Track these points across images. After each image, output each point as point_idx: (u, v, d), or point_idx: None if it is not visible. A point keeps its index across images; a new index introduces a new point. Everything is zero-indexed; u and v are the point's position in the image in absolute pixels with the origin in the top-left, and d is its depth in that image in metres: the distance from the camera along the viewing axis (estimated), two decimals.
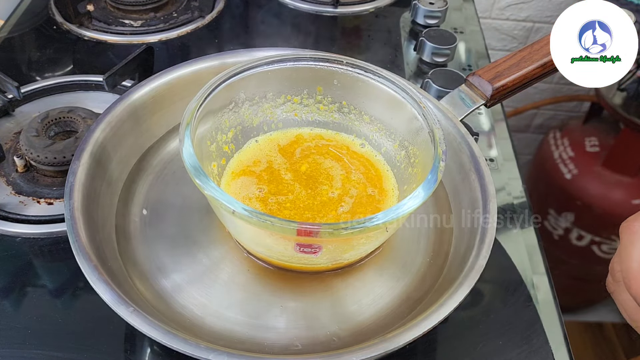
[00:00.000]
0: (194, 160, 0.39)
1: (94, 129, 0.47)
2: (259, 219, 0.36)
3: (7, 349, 0.43)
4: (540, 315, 0.48)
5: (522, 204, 0.57)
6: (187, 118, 0.41)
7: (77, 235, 0.40)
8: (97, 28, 0.76)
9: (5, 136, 0.60)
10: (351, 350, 0.35)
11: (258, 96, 0.49)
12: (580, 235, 1.17)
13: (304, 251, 0.40)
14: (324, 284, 0.45)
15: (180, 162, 0.51)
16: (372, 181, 0.48)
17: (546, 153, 1.21)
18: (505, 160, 0.62)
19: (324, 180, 0.47)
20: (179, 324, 0.41)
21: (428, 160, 0.42)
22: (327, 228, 0.36)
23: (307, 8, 0.83)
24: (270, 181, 0.47)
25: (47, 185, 0.55)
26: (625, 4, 0.97)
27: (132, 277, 0.43)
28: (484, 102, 0.50)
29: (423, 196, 0.38)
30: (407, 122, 0.46)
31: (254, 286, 0.44)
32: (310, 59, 0.47)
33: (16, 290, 0.47)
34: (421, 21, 0.80)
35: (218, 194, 0.37)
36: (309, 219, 0.44)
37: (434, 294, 0.43)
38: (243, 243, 0.45)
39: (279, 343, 0.41)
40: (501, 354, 0.45)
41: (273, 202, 0.45)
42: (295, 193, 0.46)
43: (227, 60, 0.53)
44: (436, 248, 0.47)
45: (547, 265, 0.52)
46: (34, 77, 0.68)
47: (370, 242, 0.42)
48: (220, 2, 0.82)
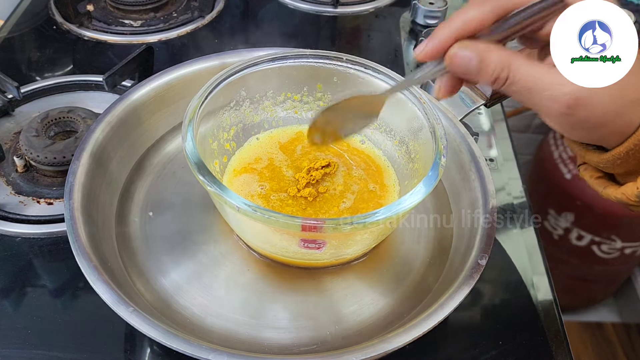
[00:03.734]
0: (197, 157, 0.39)
1: (94, 129, 0.47)
2: (264, 215, 0.36)
3: (7, 349, 0.43)
4: (540, 315, 0.48)
5: (522, 204, 0.57)
6: (190, 115, 0.41)
7: (77, 235, 0.40)
8: (97, 28, 0.76)
9: (5, 136, 0.60)
10: (351, 350, 0.35)
11: (259, 94, 0.49)
12: (580, 235, 1.17)
13: (309, 247, 0.40)
14: (324, 283, 0.45)
15: (180, 162, 0.51)
16: (373, 177, 0.48)
17: (546, 153, 1.21)
18: (505, 160, 0.62)
19: (326, 178, 0.47)
20: (179, 324, 0.41)
21: (429, 156, 0.42)
22: (331, 223, 0.36)
23: (307, 8, 0.83)
24: (272, 178, 0.47)
25: (47, 185, 0.55)
26: (625, 4, 0.97)
27: (132, 277, 0.43)
28: (484, 102, 0.50)
29: (424, 192, 0.38)
30: (408, 119, 0.46)
31: (254, 286, 0.44)
32: (311, 56, 0.47)
33: (16, 290, 0.47)
34: (421, 21, 0.80)
35: (222, 190, 0.37)
36: (311, 215, 0.44)
37: (434, 294, 0.43)
38: (246, 240, 0.45)
39: (279, 343, 0.41)
40: (501, 354, 0.45)
41: (275, 199, 0.45)
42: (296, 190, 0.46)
43: (227, 60, 0.53)
44: (436, 248, 0.47)
45: (547, 265, 0.52)
46: (33, 77, 0.68)
47: (373, 237, 0.43)
48: (220, 2, 0.82)
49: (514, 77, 0.31)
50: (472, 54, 0.31)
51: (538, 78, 0.30)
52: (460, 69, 0.32)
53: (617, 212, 1.11)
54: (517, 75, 0.31)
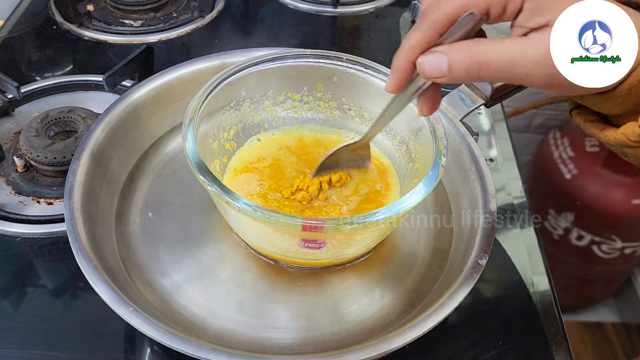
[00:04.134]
0: (197, 157, 0.39)
1: (94, 129, 0.47)
2: (264, 214, 0.36)
3: (7, 349, 0.43)
4: (540, 315, 0.48)
5: (522, 204, 0.57)
6: (190, 115, 0.41)
7: (77, 235, 0.40)
8: (97, 28, 0.76)
9: (5, 136, 0.60)
10: (351, 350, 0.35)
11: (259, 94, 0.49)
12: (580, 235, 1.17)
13: (309, 246, 0.40)
14: (324, 284, 0.45)
15: (180, 162, 0.51)
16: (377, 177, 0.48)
17: (546, 153, 1.21)
18: (505, 160, 0.62)
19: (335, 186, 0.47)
20: (179, 324, 0.41)
21: (429, 156, 0.42)
22: (331, 223, 0.36)
23: (307, 8, 0.83)
24: (272, 177, 0.47)
25: (47, 185, 0.55)
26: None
27: (132, 277, 0.43)
28: (484, 102, 0.50)
29: (424, 191, 0.38)
30: (408, 119, 0.46)
31: (254, 286, 0.44)
32: (311, 56, 0.47)
33: (16, 290, 0.47)
34: None
35: (222, 190, 0.37)
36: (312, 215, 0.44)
37: (434, 294, 0.43)
38: (247, 240, 0.45)
39: (279, 343, 0.41)
40: (501, 354, 0.45)
41: (272, 199, 0.45)
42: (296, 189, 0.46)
43: (227, 60, 0.53)
44: (436, 248, 0.47)
45: (547, 265, 0.52)
46: (33, 77, 0.68)
47: (373, 237, 0.43)
48: (220, 2, 0.82)
49: (487, 58, 0.31)
50: (438, 55, 0.31)
51: (512, 49, 0.30)
52: (434, 73, 0.32)
53: (617, 212, 1.11)
54: (490, 55, 0.31)
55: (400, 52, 0.33)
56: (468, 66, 0.31)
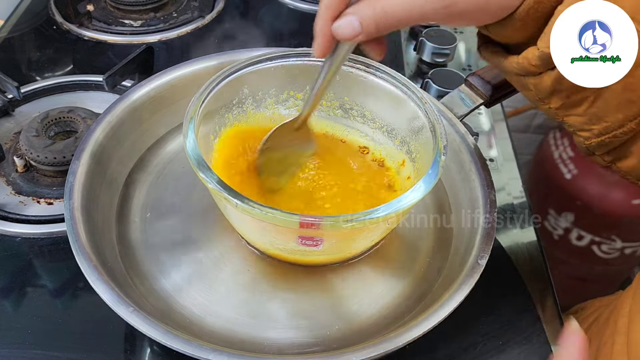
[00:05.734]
0: (197, 154, 0.39)
1: (94, 129, 0.47)
2: (262, 211, 0.36)
3: (7, 349, 0.43)
4: (540, 315, 0.48)
5: (522, 204, 0.57)
6: (191, 113, 0.41)
7: (77, 235, 0.40)
8: (97, 28, 0.76)
9: (5, 136, 0.60)
10: (351, 350, 0.35)
11: (261, 92, 0.49)
12: (580, 235, 1.17)
13: (306, 244, 0.40)
14: (325, 283, 0.45)
15: (181, 162, 0.51)
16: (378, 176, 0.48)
17: (546, 153, 1.21)
18: (505, 160, 0.62)
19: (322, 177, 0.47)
20: (179, 324, 0.41)
21: (429, 155, 0.42)
22: (329, 221, 0.36)
23: (307, 8, 0.83)
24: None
25: (47, 185, 0.55)
26: None
27: (132, 277, 0.43)
28: (484, 102, 0.50)
29: (424, 189, 0.38)
30: (409, 118, 0.46)
31: (254, 286, 0.44)
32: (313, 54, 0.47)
33: (16, 290, 0.47)
34: None
35: (221, 187, 0.37)
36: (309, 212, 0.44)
37: (434, 294, 0.43)
38: (246, 236, 0.45)
39: (279, 343, 0.41)
40: (501, 354, 0.45)
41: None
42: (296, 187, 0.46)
43: (227, 60, 0.53)
44: (436, 248, 0.47)
45: (547, 265, 0.52)
46: (33, 77, 0.68)
47: (372, 235, 0.43)
48: (220, 2, 0.82)
49: (390, 7, 0.33)
50: (349, 16, 0.34)
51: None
52: (350, 34, 0.34)
53: (617, 212, 1.11)
54: (392, 2, 0.33)
55: (319, 15, 0.35)
56: (376, 19, 0.33)
